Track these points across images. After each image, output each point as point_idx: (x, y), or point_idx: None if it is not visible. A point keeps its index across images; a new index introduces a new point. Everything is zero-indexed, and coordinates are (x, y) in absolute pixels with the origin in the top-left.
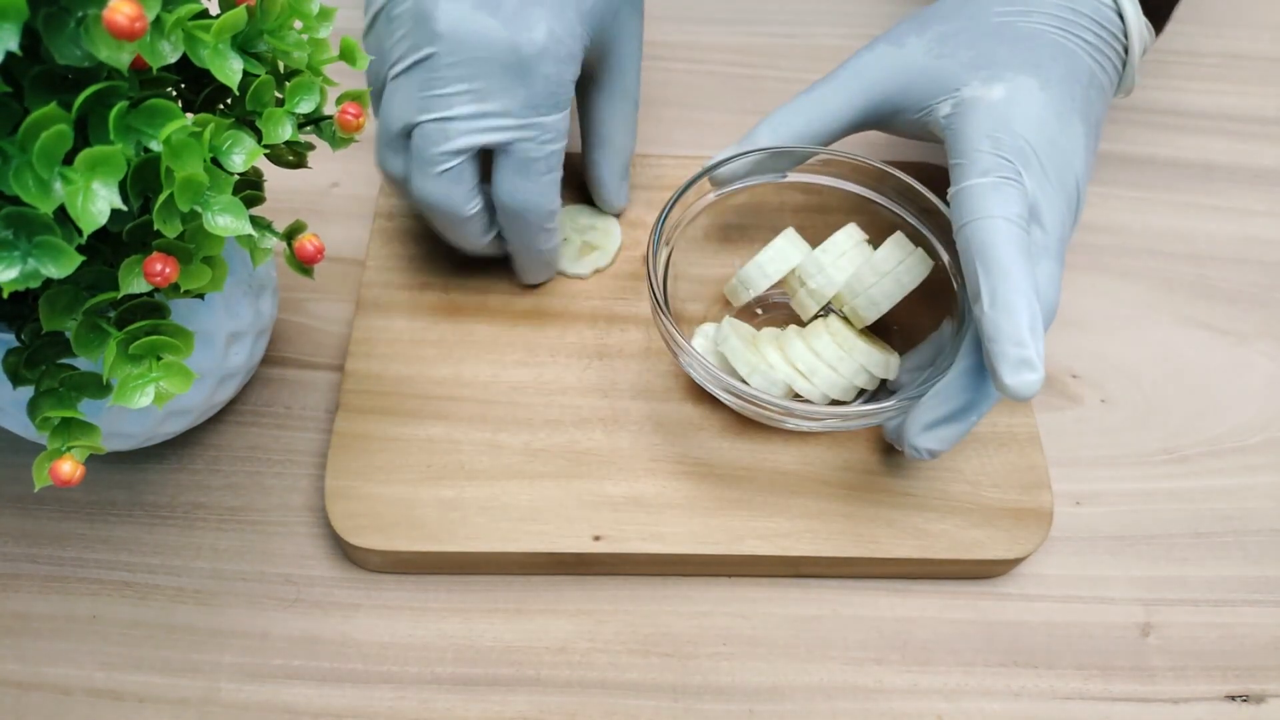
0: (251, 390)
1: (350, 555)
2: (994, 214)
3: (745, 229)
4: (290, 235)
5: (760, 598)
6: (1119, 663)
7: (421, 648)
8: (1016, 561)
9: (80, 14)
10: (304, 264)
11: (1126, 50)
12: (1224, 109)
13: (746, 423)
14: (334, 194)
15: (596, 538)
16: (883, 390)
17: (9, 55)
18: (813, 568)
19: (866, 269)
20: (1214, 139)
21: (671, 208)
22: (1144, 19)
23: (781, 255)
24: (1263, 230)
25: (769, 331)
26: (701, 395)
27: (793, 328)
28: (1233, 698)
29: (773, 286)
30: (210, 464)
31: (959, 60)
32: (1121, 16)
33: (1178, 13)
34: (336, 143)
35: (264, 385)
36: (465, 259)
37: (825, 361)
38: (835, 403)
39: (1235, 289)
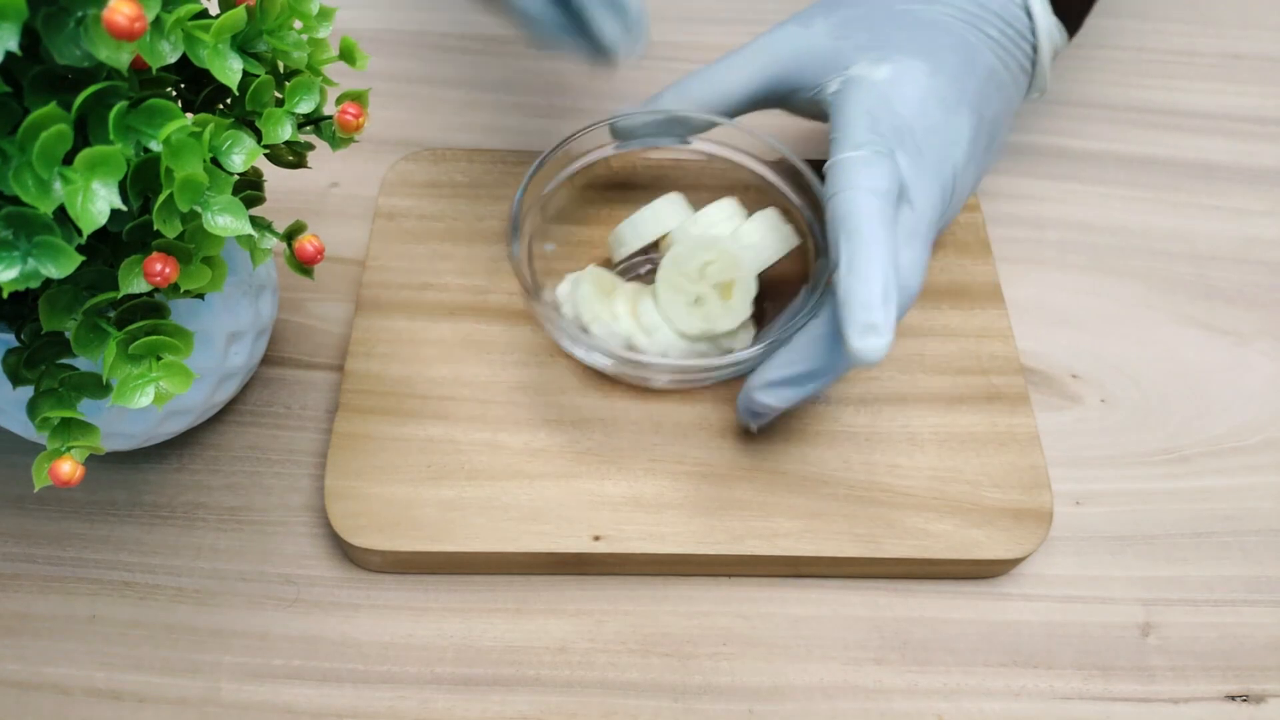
0: (251, 390)
1: (350, 555)
2: (860, 185)
3: (646, 189)
4: (290, 236)
5: (760, 598)
6: (1119, 663)
7: (421, 648)
8: (1016, 561)
9: (80, 14)
10: (304, 264)
11: (1036, 50)
12: (1224, 109)
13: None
14: (334, 194)
15: (596, 538)
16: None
17: (9, 55)
18: (813, 568)
19: (730, 239)
20: (1213, 139)
21: (551, 154)
22: (1055, 20)
23: (656, 217)
24: (1262, 230)
25: (632, 286)
26: (701, 395)
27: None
28: (1232, 697)
29: (651, 248)
30: (210, 464)
31: (854, 42)
32: (1030, 15)
33: (1177, 12)
34: (336, 143)
35: (264, 385)
36: (465, 258)
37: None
38: None
39: (1235, 289)
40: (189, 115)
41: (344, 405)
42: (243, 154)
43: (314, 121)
